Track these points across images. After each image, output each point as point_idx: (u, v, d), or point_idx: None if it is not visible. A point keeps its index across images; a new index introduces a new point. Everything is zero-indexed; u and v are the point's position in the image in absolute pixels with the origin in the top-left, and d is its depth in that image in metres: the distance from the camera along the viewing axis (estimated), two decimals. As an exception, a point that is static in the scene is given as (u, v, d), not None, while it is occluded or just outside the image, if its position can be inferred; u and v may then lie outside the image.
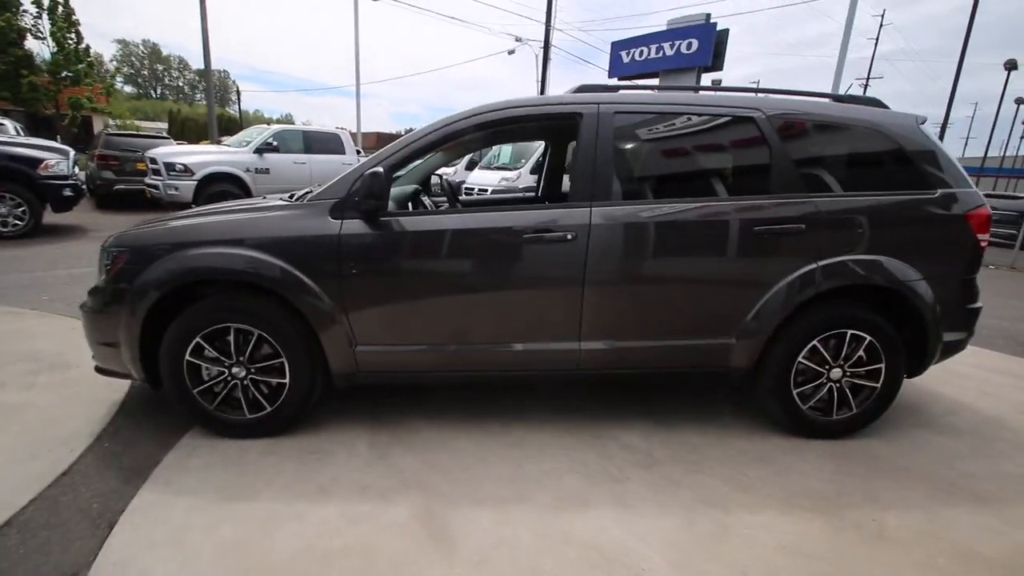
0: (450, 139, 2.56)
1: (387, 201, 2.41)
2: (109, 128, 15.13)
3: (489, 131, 2.61)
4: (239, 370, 2.41)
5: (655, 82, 13.80)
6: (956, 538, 2.00)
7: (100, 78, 25.43)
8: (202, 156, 9.48)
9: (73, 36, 22.19)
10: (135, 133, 13.08)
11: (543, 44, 19.45)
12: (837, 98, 2.79)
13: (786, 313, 2.51)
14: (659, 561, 1.81)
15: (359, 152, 11.82)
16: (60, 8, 21.45)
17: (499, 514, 2.03)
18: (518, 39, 21.33)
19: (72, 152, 7.80)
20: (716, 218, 2.49)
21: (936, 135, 2.75)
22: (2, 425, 2.49)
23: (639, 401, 3.07)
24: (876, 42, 36.24)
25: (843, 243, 2.51)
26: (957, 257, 2.64)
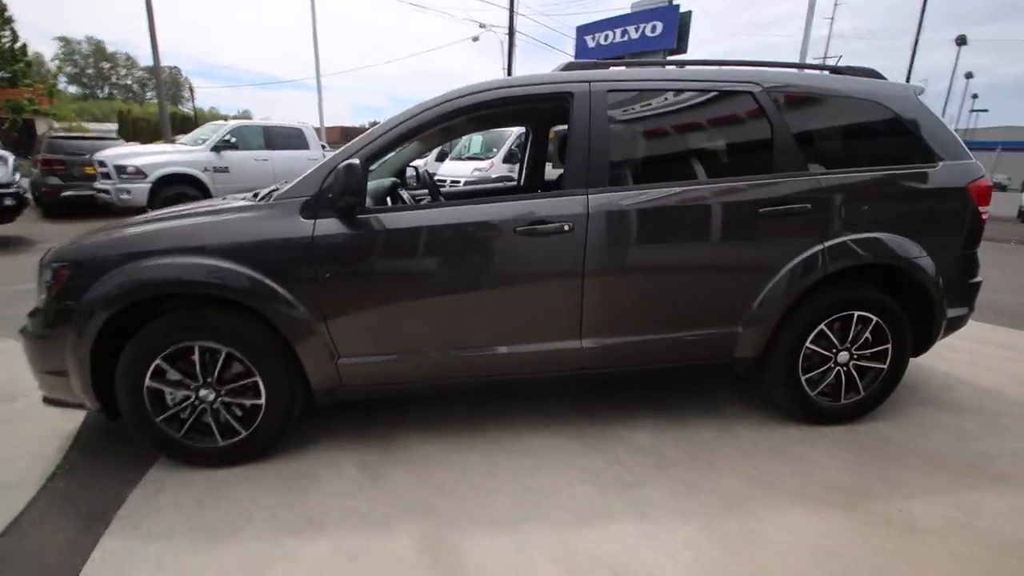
0: (430, 125, 2.32)
1: (365, 197, 2.18)
2: (53, 131, 14.15)
3: (471, 115, 2.39)
4: (207, 393, 2.16)
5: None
6: (990, 525, 1.92)
7: (40, 78, 23.95)
8: (155, 157, 8.93)
9: (7, 34, 20.75)
10: (82, 135, 12.23)
11: (508, 30, 19.14)
12: (834, 70, 2.67)
13: (793, 297, 2.40)
14: (690, 578, 1.67)
15: (324, 147, 11.38)
16: (-10, 5, 20.07)
17: (512, 537, 1.85)
18: (482, 25, 20.98)
19: (12, 157, 7.23)
20: (719, 200, 2.34)
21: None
22: (-64, 470, 2.19)
23: (642, 396, 2.92)
24: (832, 21, 36.81)
25: (848, 221, 2.40)
26: (960, 231, 2.56)
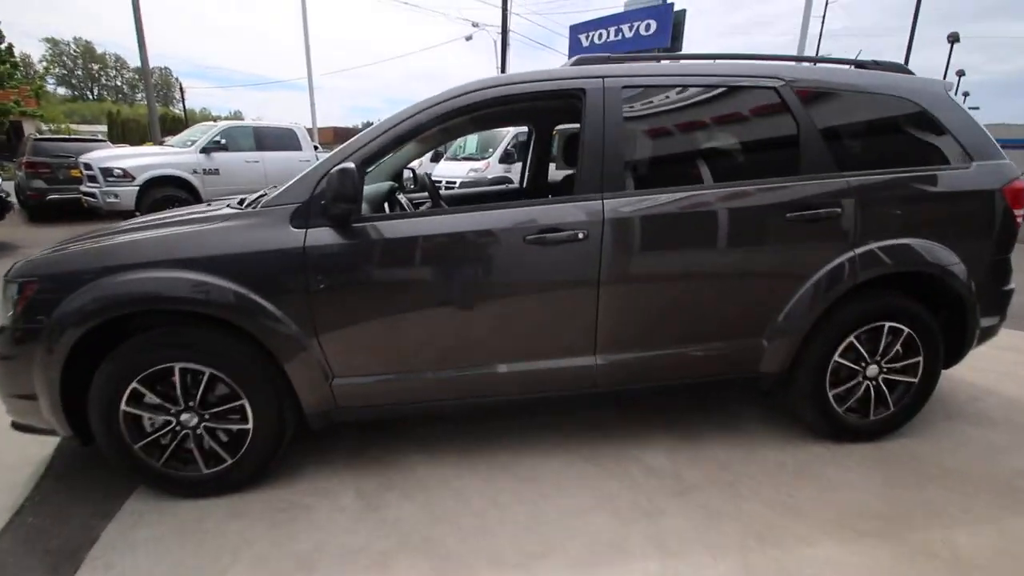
0: (429, 125, 2.14)
1: (360, 203, 2.01)
2: (38, 133, 13.85)
3: (473, 114, 2.22)
4: (189, 417, 1.98)
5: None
6: (1043, 559, 1.77)
7: (27, 80, 23.55)
8: (143, 159, 8.67)
9: (-7, 36, 20.38)
10: (67, 137, 11.94)
11: (501, 29, 18.96)
12: (860, 64, 2.51)
13: (822, 308, 2.24)
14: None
15: (316, 148, 11.17)
16: (-27, 6, 19.68)
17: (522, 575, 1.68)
18: (475, 24, 20.76)
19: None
20: (743, 204, 2.17)
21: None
22: None
23: (656, 412, 2.76)
24: (823, 20, 36.93)
25: (880, 226, 2.25)
26: (993, 235, 2.41)
